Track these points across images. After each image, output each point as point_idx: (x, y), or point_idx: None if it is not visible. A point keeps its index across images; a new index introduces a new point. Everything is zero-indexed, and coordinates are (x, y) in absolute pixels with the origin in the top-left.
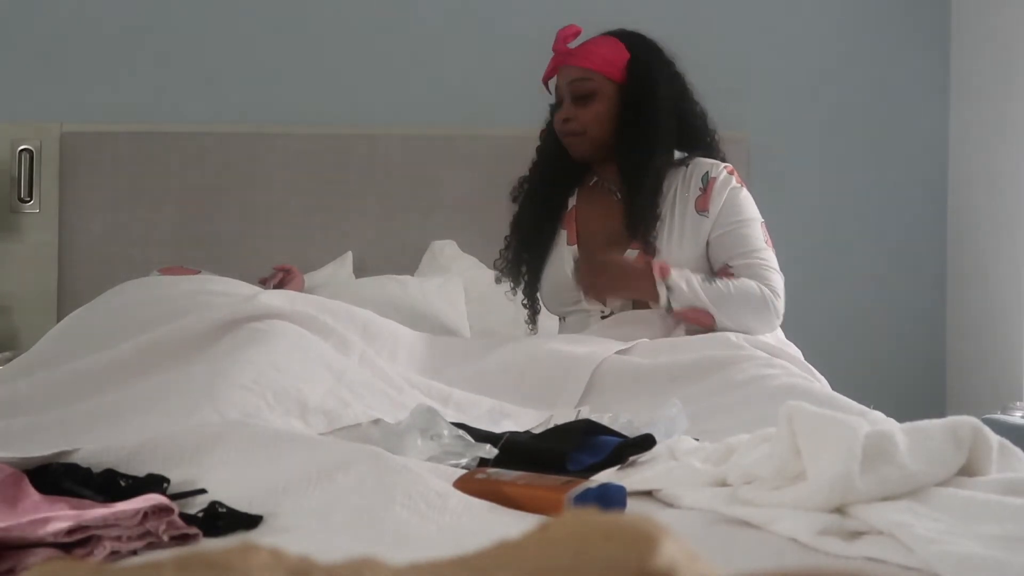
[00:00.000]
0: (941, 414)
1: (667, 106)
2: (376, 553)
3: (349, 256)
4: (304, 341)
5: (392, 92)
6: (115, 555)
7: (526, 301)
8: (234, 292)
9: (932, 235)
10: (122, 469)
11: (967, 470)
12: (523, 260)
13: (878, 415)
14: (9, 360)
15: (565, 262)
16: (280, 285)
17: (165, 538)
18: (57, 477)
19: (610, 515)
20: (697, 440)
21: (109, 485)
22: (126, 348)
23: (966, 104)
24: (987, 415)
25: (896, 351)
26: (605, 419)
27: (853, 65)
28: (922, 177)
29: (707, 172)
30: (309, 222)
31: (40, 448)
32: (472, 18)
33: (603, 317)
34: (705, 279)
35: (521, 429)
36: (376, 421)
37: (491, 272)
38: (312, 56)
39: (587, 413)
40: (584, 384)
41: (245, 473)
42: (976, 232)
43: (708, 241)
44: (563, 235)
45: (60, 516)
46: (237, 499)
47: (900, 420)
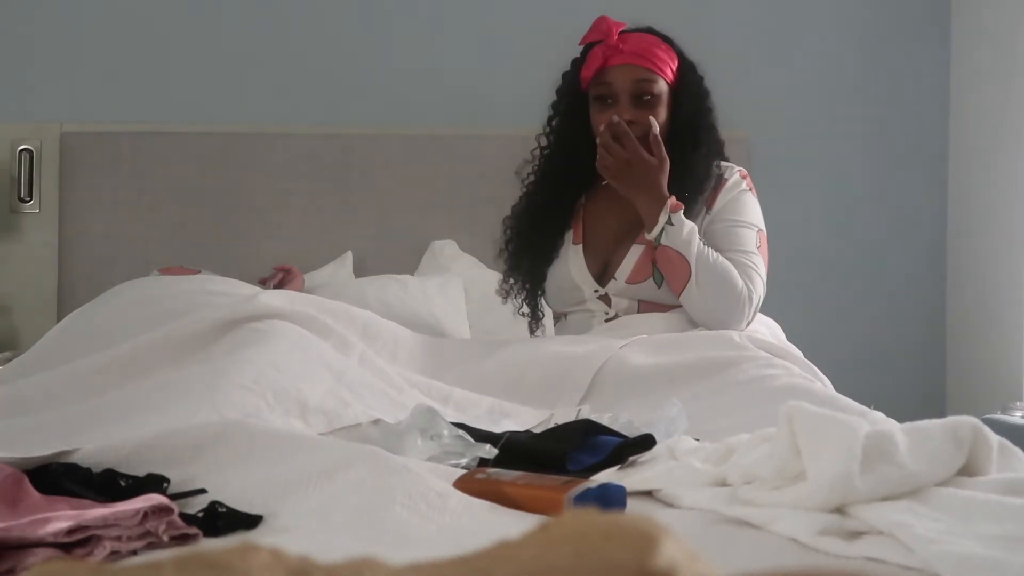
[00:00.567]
0: (941, 414)
1: (714, 115)
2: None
3: (349, 256)
4: (304, 341)
5: (392, 92)
6: (115, 555)
7: (527, 310)
8: (234, 292)
9: (932, 234)
10: (122, 469)
11: (967, 470)
12: (526, 264)
13: (878, 415)
14: (9, 360)
15: (571, 261)
16: (280, 285)
17: (165, 538)
18: (57, 477)
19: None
20: (697, 440)
21: (109, 485)
22: (126, 348)
23: (966, 104)
24: (987, 415)
25: (896, 351)
26: (605, 419)
27: (853, 65)
28: (922, 176)
29: (721, 173)
30: (309, 222)
31: (40, 448)
32: (472, 18)
33: (607, 319)
34: (704, 242)
35: (521, 429)
36: (376, 421)
37: (491, 272)
38: (312, 56)
39: (587, 413)
40: (586, 385)
41: (245, 473)
42: (976, 232)
43: (704, 233)
44: (569, 234)
45: (60, 516)
46: (237, 499)
47: (900, 420)
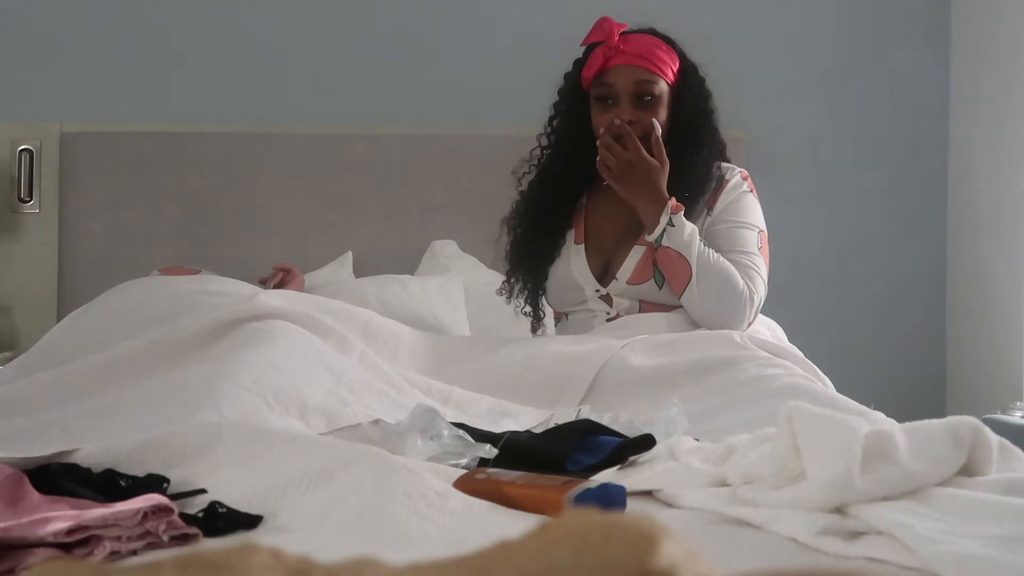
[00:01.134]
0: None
1: (715, 116)
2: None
3: (349, 256)
4: (304, 341)
5: (392, 92)
6: (115, 555)
7: (529, 310)
8: (234, 292)
9: (932, 235)
10: (122, 469)
11: (967, 470)
12: (526, 266)
13: (878, 415)
14: (9, 360)
15: (572, 261)
16: (280, 285)
17: (165, 538)
18: (57, 477)
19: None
20: (697, 440)
21: (109, 485)
22: (126, 348)
23: (966, 104)
24: (987, 415)
25: (896, 351)
26: (605, 419)
27: (853, 65)
28: (922, 177)
29: (722, 175)
30: (309, 222)
31: (40, 448)
32: (472, 18)
33: (608, 319)
34: (705, 243)
35: (521, 428)
36: (376, 421)
37: (491, 272)
38: (312, 56)
39: (587, 413)
40: (587, 384)
41: (245, 473)
42: (976, 232)
43: (705, 234)
44: (570, 234)
45: (60, 516)
46: (237, 499)
47: (900, 420)
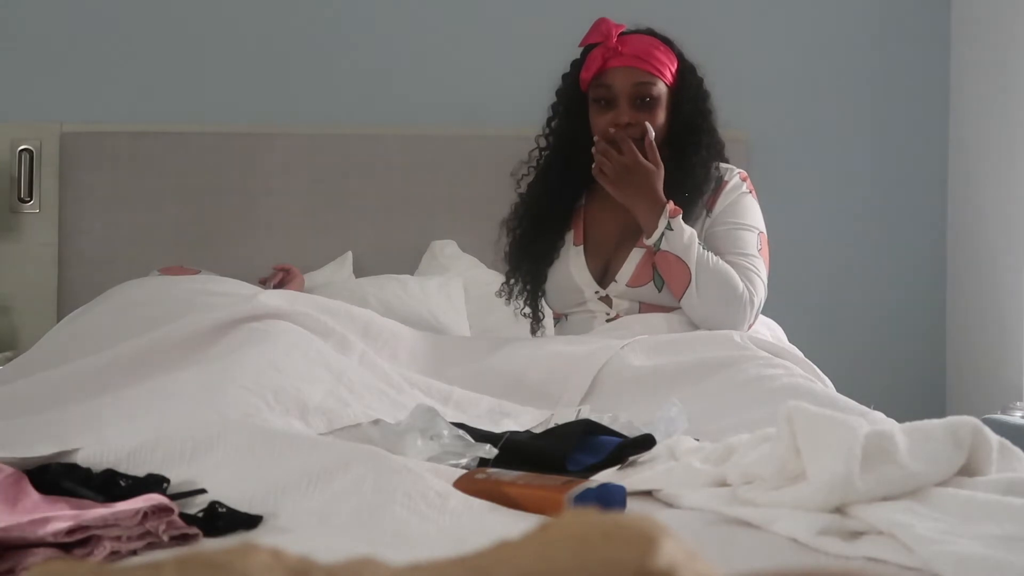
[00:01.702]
0: (941, 414)
1: (714, 117)
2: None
3: (349, 256)
4: (304, 341)
5: (392, 92)
6: (115, 555)
7: (528, 311)
8: (234, 292)
9: (932, 235)
10: (122, 469)
11: (967, 470)
12: (525, 267)
13: (878, 415)
14: (9, 360)
15: (572, 263)
16: (280, 285)
17: (165, 538)
18: (57, 477)
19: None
20: (697, 440)
21: (109, 485)
22: (126, 348)
23: (966, 104)
24: (987, 415)
25: (896, 351)
26: (605, 419)
27: (853, 65)
28: (922, 177)
29: (721, 176)
30: (309, 222)
31: (40, 448)
32: (472, 18)
33: (608, 320)
34: (703, 246)
35: (521, 428)
36: (376, 421)
37: (491, 272)
38: (312, 56)
39: (587, 413)
40: (587, 385)
41: (245, 473)
42: (976, 232)
43: (705, 236)
44: (569, 235)
45: (60, 516)
46: (237, 499)
47: (900, 420)
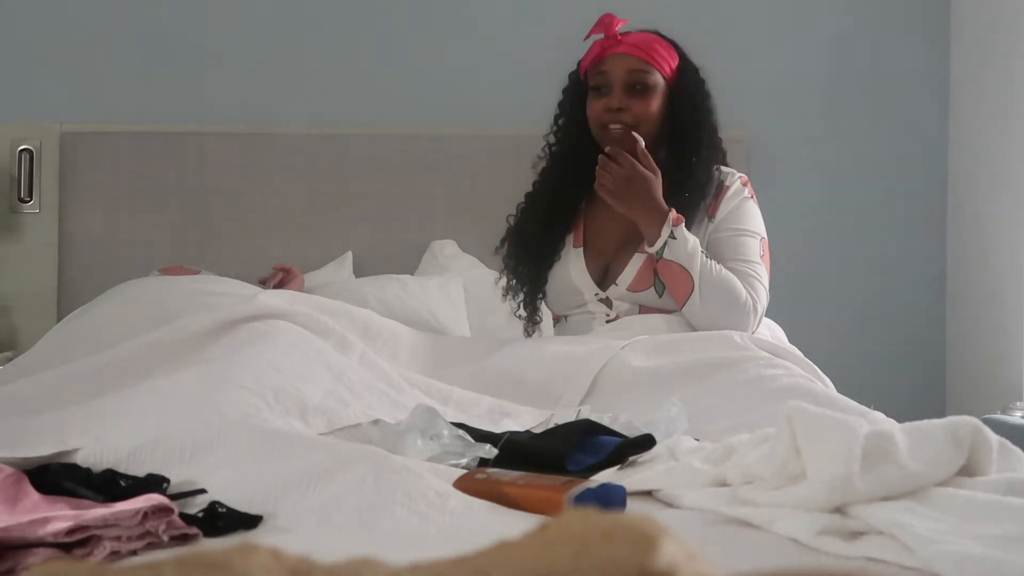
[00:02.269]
0: (941, 414)
1: (715, 117)
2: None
3: (349, 256)
4: (304, 341)
5: (392, 92)
6: (115, 555)
7: (523, 312)
8: (234, 292)
9: (932, 235)
10: (122, 469)
11: (967, 470)
12: (524, 270)
13: (878, 415)
14: (9, 360)
15: (571, 265)
16: (280, 285)
17: (165, 538)
18: (57, 477)
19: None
20: (697, 440)
21: (109, 485)
22: (126, 348)
23: (966, 104)
24: (987, 415)
25: (896, 351)
26: (605, 419)
27: (853, 64)
28: (922, 177)
29: (722, 180)
30: (309, 222)
31: (40, 448)
32: (472, 18)
33: (607, 321)
34: (706, 254)
35: (521, 428)
36: (376, 421)
37: (491, 272)
38: (312, 56)
39: (587, 413)
40: (587, 385)
41: (245, 473)
42: (976, 232)
43: (707, 242)
44: (569, 237)
45: (60, 516)
46: (237, 499)
47: (900, 420)
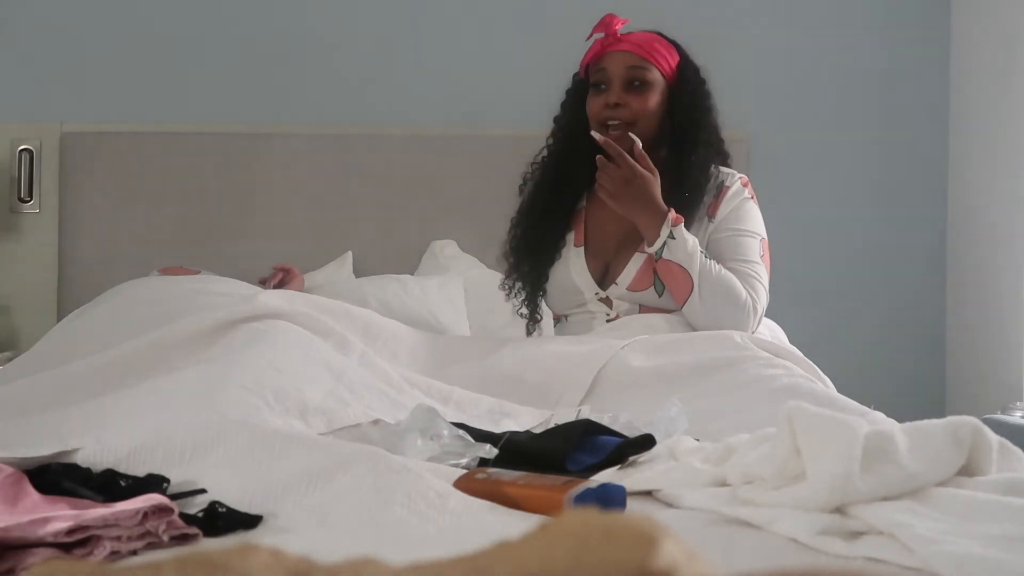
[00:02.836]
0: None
1: (715, 117)
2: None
3: (349, 256)
4: (304, 341)
5: (392, 92)
6: (115, 555)
7: (525, 311)
8: (234, 292)
9: (932, 235)
10: (122, 469)
11: (967, 470)
12: (525, 268)
13: (878, 415)
14: (9, 360)
15: (572, 264)
16: (280, 285)
17: (165, 538)
18: (57, 477)
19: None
20: (697, 440)
21: (109, 485)
22: (126, 348)
23: (966, 104)
24: (987, 415)
25: (896, 351)
26: (605, 419)
27: (853, 65)
28: (922, 177)
29: (722, 181)
30: (309, 222)
31: (40, 448)
32: (472, 18)
33: (608, 320)
34: (706, 254)
35: (521, 428)
36: (376, 421)
37: (491, 272)
38: (312, 56)
39: (587, 413)
40: (587, 385)
41: (245, 473)
42: (976, 232)
43: (707, 242)
44: (570, 236)
45: (60, 516)
46: (237, 499)
47: (900, 420)
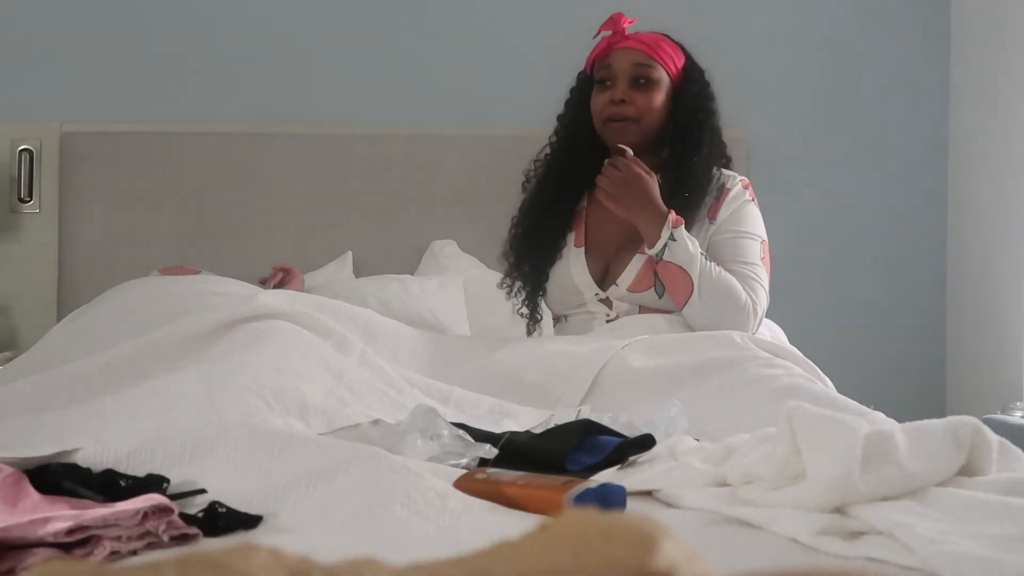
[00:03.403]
0: (941, 414)
1: (718, 120)
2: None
3: (349, 256)
4: (304, 341)
5: (392, 92)
6: (115, 555)
7: (526, 311)
8: (234, 292)
9: (932, 235)
10: (122, 469)
11: (967, 470)
12: (526, 268)
13: (878, 415)
14: (9, 360)
15: (572, 264)
16: (280, 285)
17: (165, 538)
18: (57, 477)
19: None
20: (697, 440)
21: (109, 485)
22: (126, 348)
23: (966, 104)
24: (987, 415)
25: (896, 351)
26: (605, 419)
27: (853, 65)
28: (922, 177)
29: (723, 183)
30: (309, 222)
31: (40, 448)
32: (472, 18)
33: (608, 321)
34: (706, 256)
35: (521, 429)
36: (376, 421)
37: (491, 272)
38: (312, 56)
39: (587, 413)
40: (587, 385)
41: (245, 473)
42: (976, 232)
43: (708, 244)
44: (571, 236)
45: (60, 516)
46: (237, 499)
47: (900, 420)
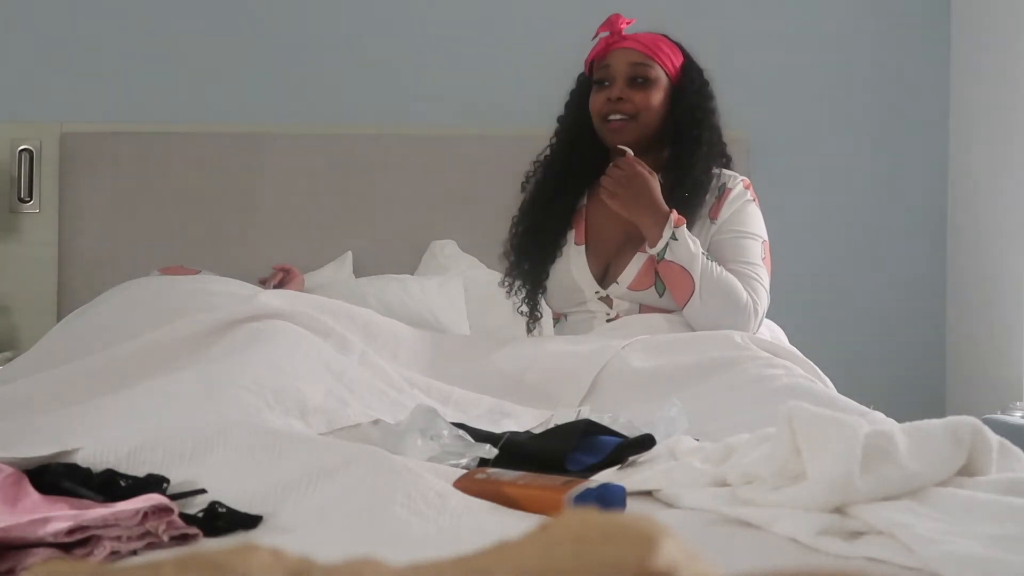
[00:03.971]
0: (941, 414)
1: (717, 119)
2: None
3: (349, 256)
4: (304, 341)
5: (393, 92)
6: (115, 555)
7: (525, 309)
8: (234, 292)
9: (932, 235)
10: (122, 469)
11: (967, 470)
12: (525, 266)
13: (878, 415)
14: (9, 360)
15: (572, 262)
16: (280, 285)
17: (165, 538)
18: (57, 477)
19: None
20: (697, 440)
21: (109, 485)
22: (126, 348)
23: (966, 104)
24: (987, 415)
25: (896, 351)
26: (605, 419)
27: (853, 64)
28: (922, 177)
29: (724, 183)
30: (309, 222)
31: (40, 448)
32: (473, 18)
33: (608, 320)
34: (707, 256)
35: (521, 429)
36: (376, 421)
37: (491, 272)
38: (312, 56)
39: (587, 413)
40: (587, 385)
41: (245, 473)
42: (976, 232)
43: (709, 244)
44: (571, 234)
45: (60, 516)
46: (237, 499)
47: (900, 420)
